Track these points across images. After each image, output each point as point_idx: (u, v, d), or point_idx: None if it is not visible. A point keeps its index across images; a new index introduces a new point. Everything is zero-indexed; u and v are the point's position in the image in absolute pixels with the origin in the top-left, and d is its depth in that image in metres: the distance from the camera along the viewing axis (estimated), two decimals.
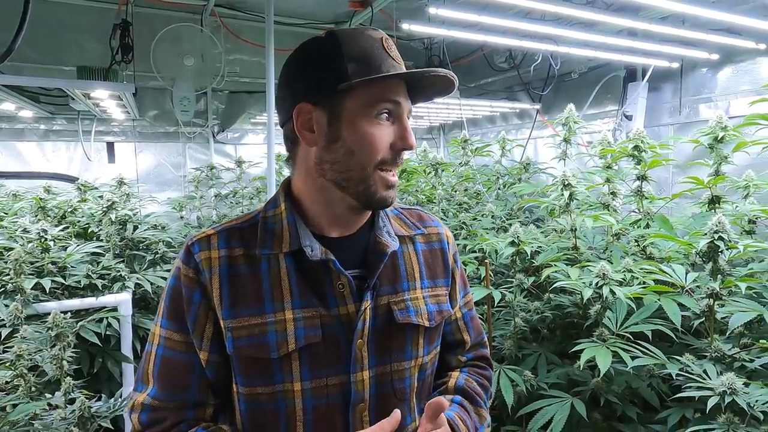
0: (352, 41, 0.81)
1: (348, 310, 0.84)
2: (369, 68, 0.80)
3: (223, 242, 0.84)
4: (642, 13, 2.33)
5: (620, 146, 2.10)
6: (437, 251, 0.96)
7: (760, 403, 1.16)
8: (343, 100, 0.80)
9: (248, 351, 0.81)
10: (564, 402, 1.73)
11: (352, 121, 0.81)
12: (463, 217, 2.68)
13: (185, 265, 0.84)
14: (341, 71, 0.79)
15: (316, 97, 0.81)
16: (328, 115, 0.81)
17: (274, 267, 0.83)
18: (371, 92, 0.80)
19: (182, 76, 4.23)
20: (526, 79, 4.34)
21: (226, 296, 0.82)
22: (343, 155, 0.81)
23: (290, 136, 0.87)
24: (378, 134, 0.81)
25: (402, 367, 0.88)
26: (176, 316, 0.84)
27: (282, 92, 0.86)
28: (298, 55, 0.84)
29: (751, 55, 2.84)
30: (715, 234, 1.36)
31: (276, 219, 0.87)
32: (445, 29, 2.40)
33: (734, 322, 1.50)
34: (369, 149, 0.81)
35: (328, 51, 0.80)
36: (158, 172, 4.55)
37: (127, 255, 3.09)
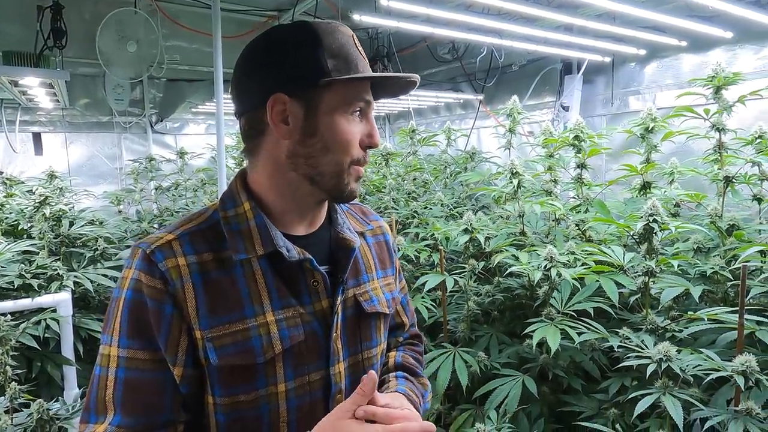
0: (330, 36, 0.80)
1: (323, 305, 0.85)
2: (348, 66, 0.80)
3: (189, 247, 0.79)
4: (579, 10, 2.47)
5: (562, 136, 2.22)
6: (383, 243, 1.01)
7: (690, 368, 1.29)
8: (322, 95, 0.79)
9: (234, 359, 0.78)
10: (516, 380, 1.84)
11: (330, 116, 0.80)
12: (414, 206, 2.74)
13: (147, 275, 0.76)
14: (322, 66, 0.78)
15: (292, 89, 0.79)
16: (305, 109, 0.80)
17: (249, 270, 0.81)
18: (349, 90, 0.81)
19: (117, 62, 4.01)
20: (469, 71, 4.46)
21: (203, 305, 0.78)
22: (319, 150, 0.81)
23: (256, 126, 0.83)
24: (353, 131, 0.82)
25: (371, 354, 0.92)
26: (140, 333, 0.76)
27: (247, 80, 0.83)
28: (268, 43, 0.82)
29: (675, 51, 3.08)
30: (650, 217, 1.49)
31: (240, 219, 0.83)
32: (394, 21, 2.43)
33: (665, 296, 1.65)
34: (345, 145, 0.81)
35: (307, 43, 0.79)
36: (92, 164, 4.29)
37: (63, 253, 2.92)
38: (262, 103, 0.79)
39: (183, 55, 4.52)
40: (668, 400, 1.23)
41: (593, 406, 1.77)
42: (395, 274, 1.03)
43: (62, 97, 3.28)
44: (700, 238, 1.89)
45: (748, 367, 1.16)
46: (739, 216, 1.96)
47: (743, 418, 1.17)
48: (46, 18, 2.88)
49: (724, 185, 1.80)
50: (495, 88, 4.30)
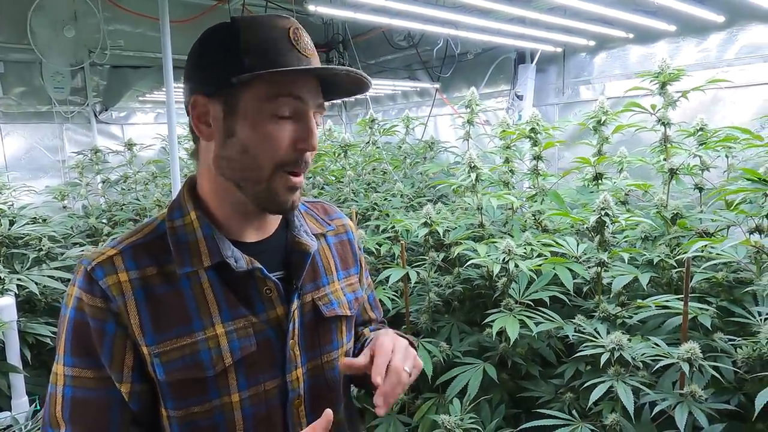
0: (252, 30, 0.76)
1: (277, 313, 0.83)
2: (267, 61, 0.74)
3: (131, 262, 0.77)
4: (531, 3, 2.51)
5: (518, 129, 2.27)
6: (346, 242, 0.99)
7: (640, 355, 1.37)
8: (240, 93, 0.75)
9: (182, 373, 0.77)
10: (477, 367, 1.89)
11: (248, 117, 0.75)
12: (374, 197, 2.74)
13: (88, 294, 0.75)
14: (237, 63, 0.74)
15: (210, 89, 0.76)
16: (224, 109, 0.76)
17: (196, 282, 0.79)
18: (271, 87, 0.75)
19: (57, 48, 3.77)
20: (425, 58, 4.47)
21: (147, 321, 0.76)
22: (237, 152, 0.77)
23: (192, 130, 0.82)
24: (276, 132, 0.76)
25: (331, 357, 0.91)
26: (84, 352, 0.75)
27: (184, 82, 0.81)
28: (198, 43, 0.80)
29: (622, 42, 3.19)
30: (602, 211, 1.55)
31: (187, 230, 0.80)
32: (350, 11, 2.39)
33: (616, 284, 1.74)
34: (265, 148, 0.76)
35: (225, 40, 0.76)
36: (31, 157, 4.04)
37: (3, 254, 2.76)
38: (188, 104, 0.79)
39: (127, 40, 4.30)
40: (620, 387, 1.30)
41: (550, 391, 1.84)
42: (359, 272, 1.01)
43: None
44: (647, 226, 1.98)
45: (693, 354, 1.24)
46: (681, 204, 2.07)
47: (688, 401, 1.25)
48: None
49: (669, 177, 1.89)
50: (451, 76, 4.32)
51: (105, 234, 3.46)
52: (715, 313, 1.59)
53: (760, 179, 1.39)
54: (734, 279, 1.68)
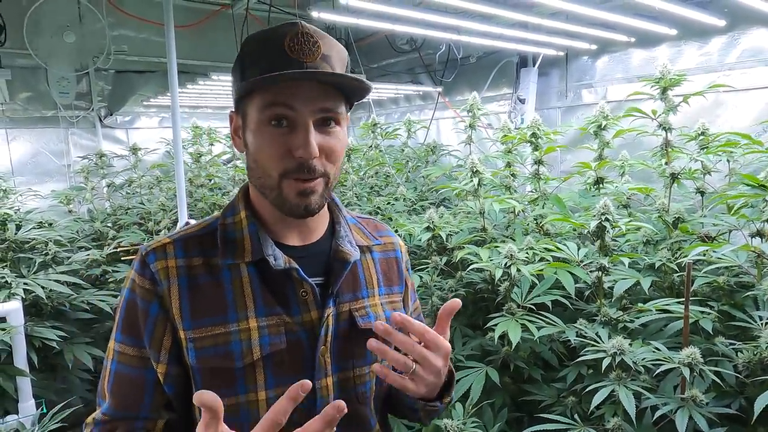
0: (251, 42, 0.79)
1: (311, 317, 0.84)
2: (259, 71, 0.75)
3: (181, 251, 0.83)
4: (533, 9, 2.52)
5: (520, 133, 2.28)
6: (392, 260, 0.98)
7: (641, 359, 1.38)
8: (246, 105, 0.80)
9: (212, 361, 0.80)
10: (479, 371, 1.90)
11: (252, 128, 0.79)
12: (377, 201, 2.76)
13: (140, 275, 0.81)
14: (243, 77, 0.79)
15: (235, 104, 0.83)
16: (242, 122, 0.82)
17: (236, 276, 0.82)
18: (264, 96, 0.76)
19: (60, 53, 3.81)
20: (428, 62, 4.49)
21: (186, 307, 0.80)
22: (251, 162, 0.82)
23: None
24: (272, 141, 0.77)
25: (363, 371, 0.89)
26: (131, 330, 0.81)
27: None
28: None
29: (624, 46, 3.20)
30: (602, 216, 1.56)
31: (236, 227, 0.85)
32: (353, 18, 2.41)
33: (618, 289, 1.75)
34: (265, 157, 0.78)
35: (240, 53, 0.81)
36: (36, 161, 4.07)
37: (10, 259, 2.79)
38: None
39: (131, 45, 4.33)
40: (622, 391, 1.32)
41: (552, 395, 1.85)
42: (404, 292, 0.99)
43: (2, 93, 3.09)
44: (649, 231, 1.99)
45: (693, 359, 1.25)
46: (683, 207, 2.08)
47: (689, 405, 1.27)
48: None
49: (671, 181, 1.90)
50: (453, 79, 4.34)
51: (110, 238, 3.48)
52: (717, 317, 1.60)
53: (759, 185, 1.40)
54: (735, 283, 1.69)
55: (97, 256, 3.16)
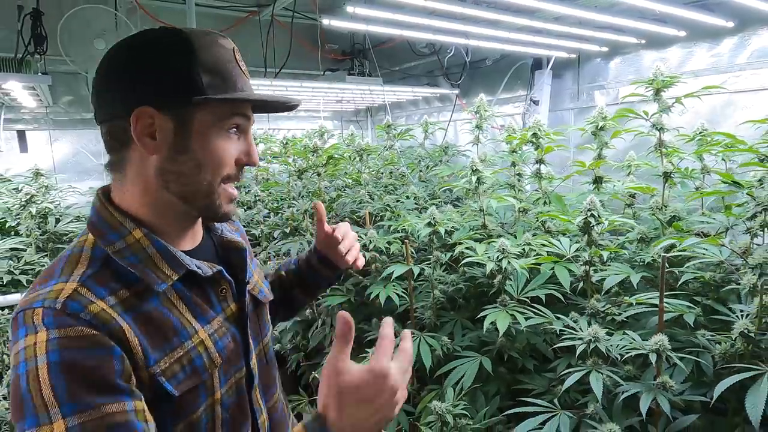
0: (206, 49, 0.77)
1: (232, 309, 0.89)
2: (225, 84, 0.78)
3: (100, 290, 0.72)
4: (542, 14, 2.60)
5: (522, 133, 2.36)
6: (244, 235, 1.06)
7: (617, 347, 1.45)
8: (194, 111, 0.77)
9: (186, 384, 0.78)
10: (473, 360, 2.00)
11: (203, 134, 0.77)
12: (387, 199, 2.88)
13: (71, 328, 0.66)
14: (195, 82, 0.75)
15: (161, 104, 0.75)
16: (175, 125, 0.76)
17: (164, 296, 0.78)
18: (225, 108, 0.78)
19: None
20: (446, 65, 4.58)
21: (145, 341, 0.73)
22: (191, 168, 0.78)
23: (118, 137, 0.78)
24: (228, 149, 0.80)
25: (268, 339, 1.01)
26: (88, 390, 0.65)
27: (111, 87, 0.78)
28: (138, 50, 0.77)
29: (635, 48, 3.22)
30: (588, 212, 1.64)
31: (134, 249, 0.77)
32: (363, 24, 2.54)
33: (608, 283, 1.81)
34: (218, 163, 0.79)
35: (180, 56, 0.75)
36: (76, 161, 4.36)
37: (50, 249, 3.03)
38: (126, 114, 0.75)
39: None
40: (593, 376, 1.39)
41: (544, 384, 1.93)
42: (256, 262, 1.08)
43: (45, 97, 3.36)
44: (644, 228, 2.04)
45: (661, 346, 1.32)
46: (684, 207, 2.11)
47: (655, 390, 1.33)
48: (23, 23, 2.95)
49: (664, 180, 1.96)
50: (470, 82, 4.42)
51: None
52: (701, 311, 1.65)
53: (733, 182, 1.46)
54: (721, 279, 1.73)
55: None
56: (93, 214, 0.81)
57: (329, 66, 4.77)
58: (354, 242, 1.18)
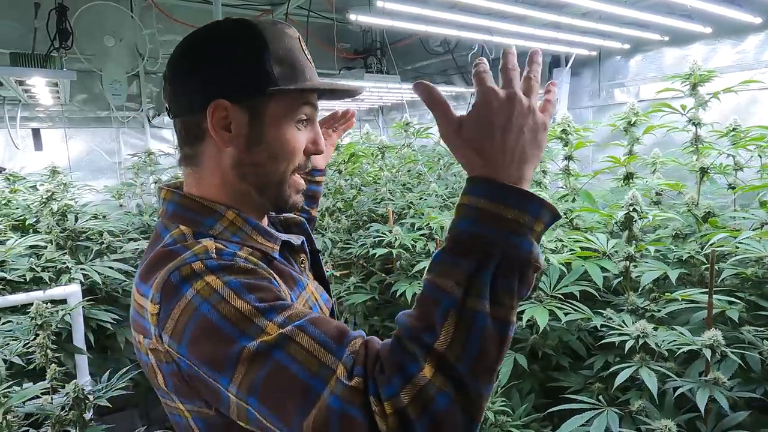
0: (277, 40, 0.77)
1: (310, 275, 0.94)
2: (295, 74, 0.78)
3: (232, 246, 0.75)
4: (565, 9, 2.58)
5: (551, 130, 2.34)
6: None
7: (665, 343, 1.43)
8: (267, 102, 0.77)
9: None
10: (507, 357, 1.97)
11: (276, 125, 0.78)
12: (410, 197, 2.86)
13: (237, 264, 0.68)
14: (268, 73, 0.75)
15: (235, 96, 0.75)
16: (250, 116, 0.76)
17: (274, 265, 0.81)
18: (296, 98, 0.79)
19: (112, 58, 4.07)
20: (461, 63, 4.56)
21: (282, 284, 0.75)
22: (265, 159, 0.78)
23: (193, 131, 0.78)
24: (299, 138, 0.80)
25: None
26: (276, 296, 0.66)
27: (187, 81, 0.77)
28: (211, 43, 0.77)
29: (657, 45, 3.21)
30: (630, 206, 1.62)
31: (233, 228, 0.78)
32: (389, 20, 2.53)
33: (645, 279, 1.79)
34: (291, 153, 0.80)
35: (253, 49, 0.75)
36: (90, 159, 4.35)
37: (69, 246, 3.01)
38: (202, 108, 0.75)
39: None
40: (644, 371, 1.37)
41: (579, 381, 1.91)
42: None
43: (65, 94, 3.35)
44: (678, 225, 2.02)
45: (715, 341, 1.30)
46: (715, 204, 2.10)
47: (710, 386, 1.31)
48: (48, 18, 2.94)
49: (700, 175, 1.94)
50: None
51: None
52: (744, 307, 1.63)
53: None
54: (763, 275, 1.71)
55: (145, 247, 3.37)
56: (175, 207, 0.80)
57: (343, 65, 4.77)
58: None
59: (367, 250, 2.75)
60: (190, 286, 0.64)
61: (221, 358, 0.60)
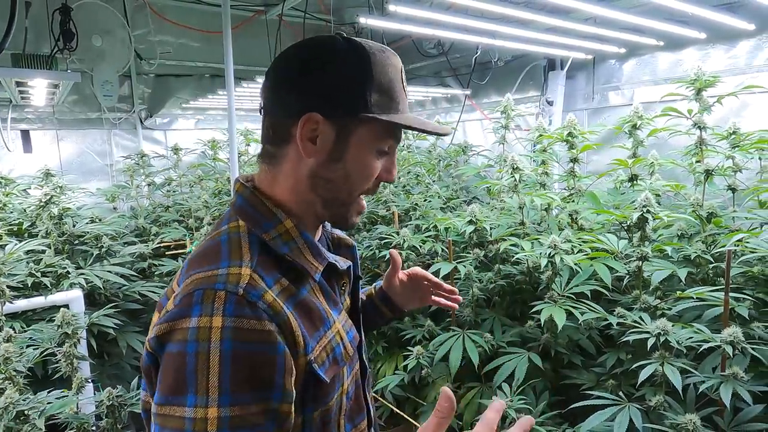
0: (381, 68, 0.79)
1: (348, 303, 0.92)
2: (390, 105, 0.80)
3: (268, 279, 0.74)
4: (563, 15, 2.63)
5: (555, 133, 2.39)
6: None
7: (684, 340, 1.48)
8: (357, 125, 0.79)
9: (331, 371, 0.79)
10: (522, 356, 2.01)
11: (359, 148, 0.80)
12: (414, 198, 2.89)
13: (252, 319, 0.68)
14: (365, 99, 0.77)
15: (329, 113, 0.77)
16: (337, 134, 0.79)
17: (311, 285, 0.81)
18: (385, 128, 0.80)
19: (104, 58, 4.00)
20: (455, 66, 4.61)
21: (304, 330, 0.75)
22: (339, 177, 0.80)
23: (281, 134, 0.81)
24: (376, 166, 0.82)
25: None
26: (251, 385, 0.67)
27: (288, 86, 0.80)
28: (320, 56, 0.79)
29: (652, 50, 3.29)
30: (644, 208, 1.67)
31: (285, 238, 0.80)
32: (397, 23, 2.55)
33: (656, 278, 1.85)
34: (364, 178, 0.82)
35: (358, 73, 0.78)
36: (81, 161, 4.27)
37: (67, 251, 2.95)
38: (295, 115, 0.77)
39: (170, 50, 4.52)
40: (667, 368, 1.42)
41: (592, 379, 1.96)
42: None
43: (62, 95, 3.28)
44: (683, 225, 2.09)
45: (735, 338, 1.35)
46: (715, 204, 2.17)
47: (731, 381, 1.37)
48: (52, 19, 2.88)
49: (705, 177, 2.00)
50: (481, 83, 4.46)
51: (153, 234, 3.65)
52: (752, 303, 1.70)
53: None
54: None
55: (143, 250, 3.32)
56: (242, 201, 0.83)
57: None
58: (444, 285, 1.14)
59: (374, 251, 2.76)
60: (199, 314, 0.67)
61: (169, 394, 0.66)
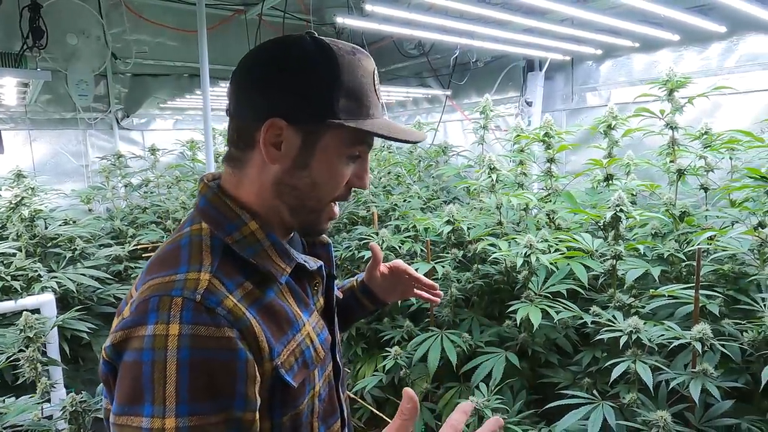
0: (350, 72, 0.75)
1: (321, 303, 0.90)
2: (360, 110, 0.76)
3: (229, 283, 0.72)
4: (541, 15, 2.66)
5: (532, 133, 2.41)
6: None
7: (655, 337, 1.50)
8: (324, 131, 0.75)
9: (300, 376, 0.77)
10: (499, 356, 2.02)
11: (326, 154, 0.77)
12: (394, 199, 2.88)
13: (210, 326, 0.66)
14: (332, 105, 0.73)
15: (294, 118, 0.74)
16: (302, 140, 0.75)
17: (278, 288, 0.79)
18: (353, 134, 0.77)
19: (79, 57, 3.92)
20: (435, 66, 4.62)
21: (269, 334, 0.72)
22: (306, 185, 0.78)
23: (245, 138, 0.78)
24: (345, 172, 0.79)
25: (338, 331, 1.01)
26: (210, 394, 0.65)
27: (252, 89, 0.76)
28: (286, 59, 0.75)
29: (628, 51, 3.34)
30: (617, 207, 1.69)
31: (250, 240, 0.77)
32: (375, 24, 2.54)
33: (630, 277, 1.87)
34: (333, 186, 0.79)
35: (324, 78, 0.74)
36: (56, 162, 4.17)
37: (39, 253, 2.89)
38: (259, 119, 0.74)
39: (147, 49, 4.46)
40: (639, 366, 1.43)
41: (569, 378, 1.97)
42: None
43: (33, 94, 3.20)
44: (656, 223, 2.11)
45: (704, 335, 1.37)
46: (688, 203, 2.20)
47: (701, 377, 1.38)
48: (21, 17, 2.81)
49: (677, 177, 2.03)
50: (461, 83, 4.47)
51: (129, 236, 3.59)
52: (722, 301, 1.73)
53: (761, 177, 1.53)
54: (739, 270, 1.81)
55: (119, 252, 3.26)
56: (206, 203, 0.80)
57: None
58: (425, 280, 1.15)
59: (353, 252, 2.75)
60: (155, 322, 0.65)
61: (126, 404, 0.64)
